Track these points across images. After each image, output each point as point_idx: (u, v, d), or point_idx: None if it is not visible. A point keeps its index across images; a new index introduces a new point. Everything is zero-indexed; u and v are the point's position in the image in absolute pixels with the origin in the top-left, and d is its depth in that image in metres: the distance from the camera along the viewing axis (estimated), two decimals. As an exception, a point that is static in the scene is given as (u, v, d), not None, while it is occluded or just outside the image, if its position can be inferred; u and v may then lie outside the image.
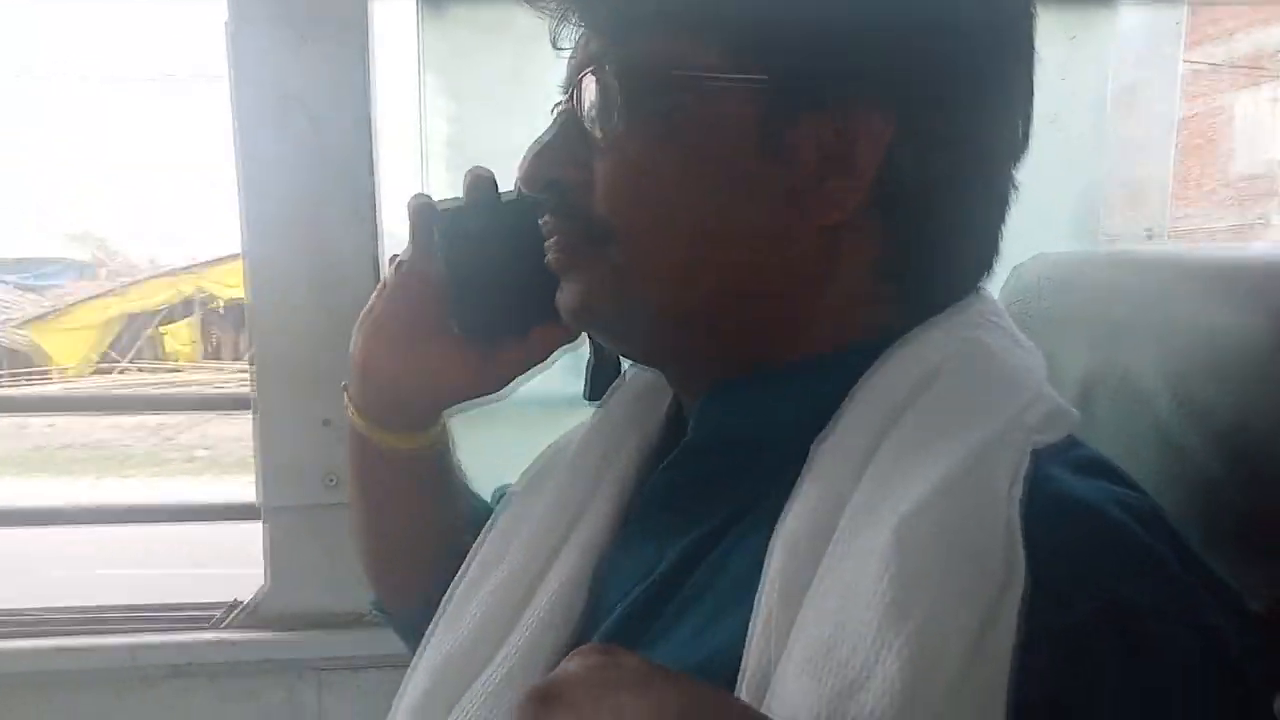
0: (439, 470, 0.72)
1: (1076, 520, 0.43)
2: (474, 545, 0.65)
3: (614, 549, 0.59)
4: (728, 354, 0.54)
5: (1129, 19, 1.03)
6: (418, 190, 0.68)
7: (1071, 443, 0.49)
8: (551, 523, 0.61)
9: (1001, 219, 0.54)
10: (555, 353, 0.67)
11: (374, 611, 0.80)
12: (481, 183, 0.64)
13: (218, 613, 1.18)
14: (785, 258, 0.51)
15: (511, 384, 0.68)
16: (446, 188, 0.66)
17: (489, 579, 0.61)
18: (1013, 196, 0.54)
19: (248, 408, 1.09)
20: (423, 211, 0.65)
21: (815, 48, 0.48)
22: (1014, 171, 0.54)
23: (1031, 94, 0.53)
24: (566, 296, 0.56)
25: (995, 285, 0.86)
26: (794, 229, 0.50)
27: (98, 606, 1.22)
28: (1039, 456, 0.45)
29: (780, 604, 0.44)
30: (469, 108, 1.00)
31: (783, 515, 0.47)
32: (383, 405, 0.68)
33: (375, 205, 0.99)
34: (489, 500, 0.77)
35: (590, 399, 0.66)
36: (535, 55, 0.58)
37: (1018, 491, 0.42)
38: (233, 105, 0.96)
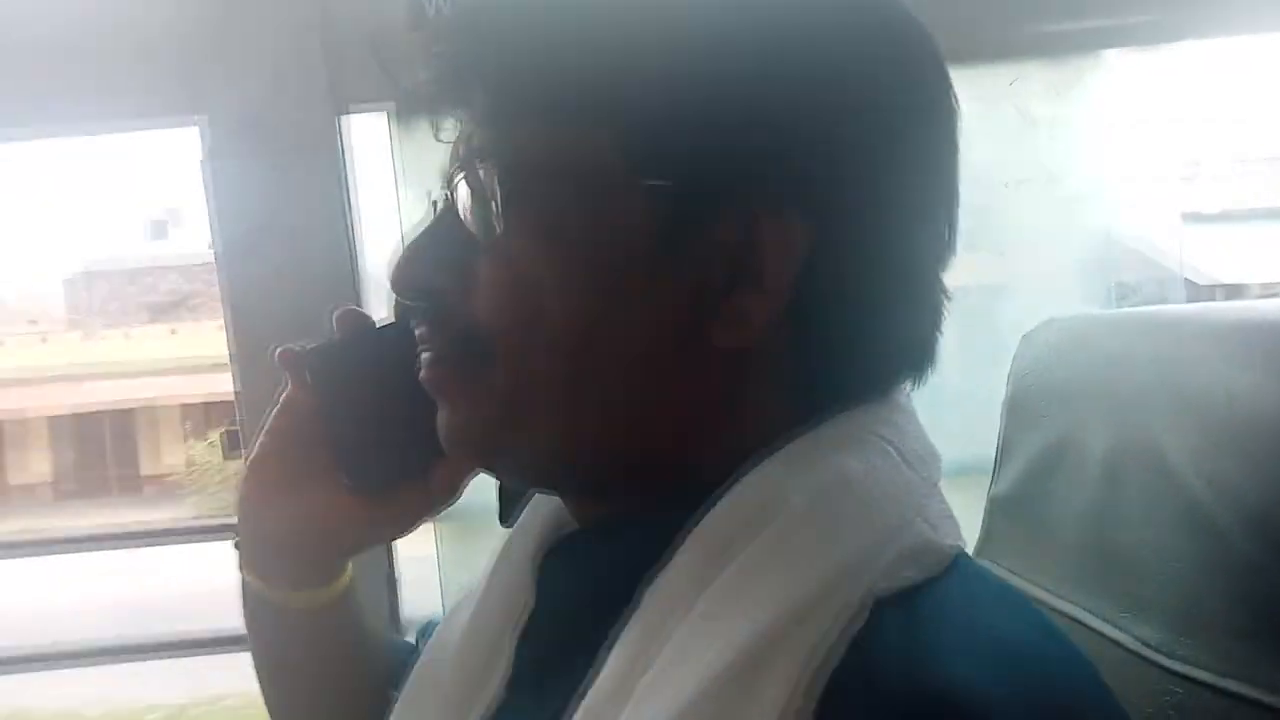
0: (346, 627, 0.64)
1: (880, 704, 0.36)
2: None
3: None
4: (614, 487, 0.48)
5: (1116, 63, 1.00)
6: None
7: (946, 582, 0.42)
8: (451, 691, 0.54)
9: (935, 327, 0.49)
10: (465, 484, 0.58)
11: None
12: (350, 316, 0.58)
13: None
14: (684, 380, 0.45)
15: (417, 525, 0.60)
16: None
17: None
18: (946, 305, 0.48)
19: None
20: (289, 356, 0.58)
21: (721, 146, 0.42)
22: (942, 278, 0.48)
23: (956, 195, 0.47)
24: (443, 424, 0.50)
25: (1006, 355, 0.83)
26: (695, 348, 0.44)
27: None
28: (883, 608, 0.39)
29: None
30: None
31: (589, 677, 0.43)
32: (272, 559, 0.60)
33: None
34: (417, 638, 0.70)
35: (504, 524, 0.58)
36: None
37: (828, 667, 0.37)
38: (213, 236, 0.95)
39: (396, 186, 0.99)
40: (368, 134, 0.99)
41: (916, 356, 0.48)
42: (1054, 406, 0.77)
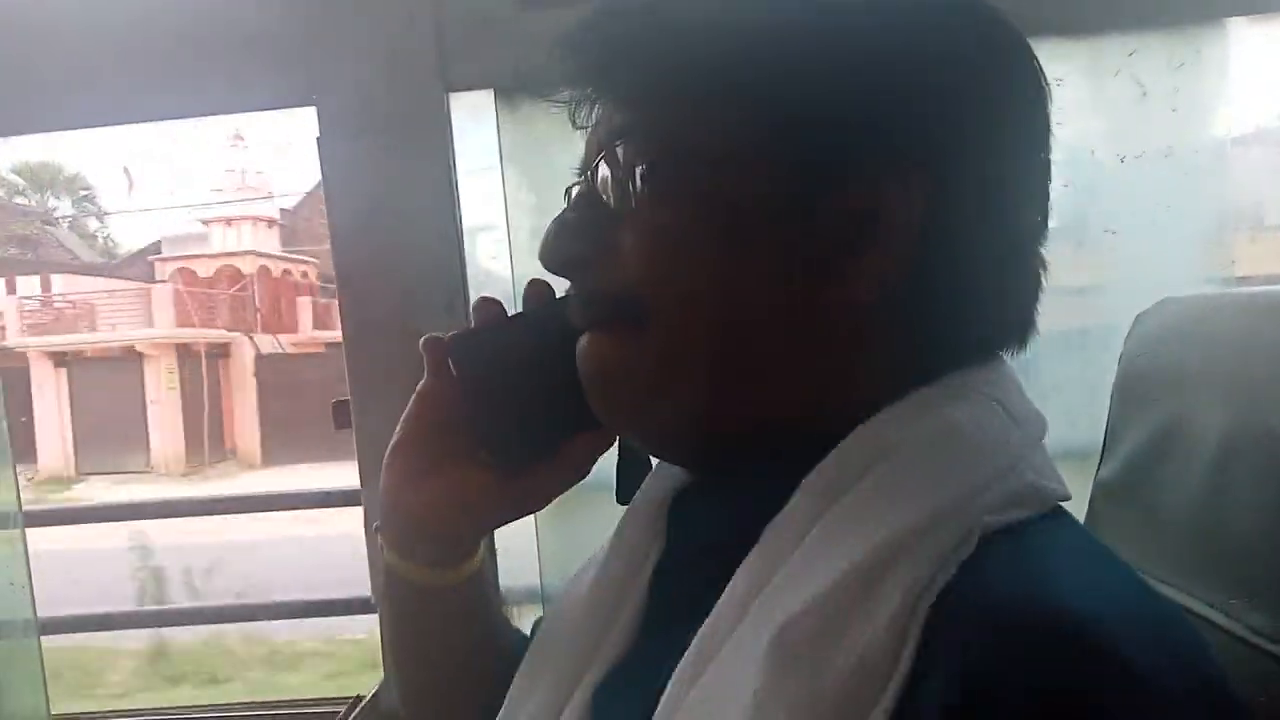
0: (479, 604, 0.68)
1: (994, 614, 0.39)
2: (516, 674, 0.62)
3: (626, 669, 0.55)
4: (743, 446, 0.51)
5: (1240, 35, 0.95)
6: (505, 282, 0.66)
7: (1053, 522, 0.45)
8: (576, 648, 0.58)
9: (1035, 298, 0.52)
10: (594, 462, 0.63)
11: None
12: (488, 305, 0.63)
13: (341, 709, 1.19)
14: (815, 338, 0.48)
15: (549, 500, 0.64)
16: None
17: (523, 711, 0.59)
18: (1044, 276, 0.52)
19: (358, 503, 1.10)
20: (432, 342, 0.63)
21: (849, 118, 0.46)
22: (1041, 251, 0.52)
23: (1049, 174, 0.51)
24: (586, 357, 0.54)
25: (1119, 335, 0.81)
26: (824, 307, 0.48)
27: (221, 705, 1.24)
28: (991, 540, 0.42)
29: (674, 695, 0.44)
30: (547, 198, 1.00)
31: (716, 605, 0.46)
32: (415, 538, 0.64)
33: (467, 301, 1.00)
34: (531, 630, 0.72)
35: (621, 501, 0.62)
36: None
37: (938, 583, 0.40)
38: (329, 213, 0.99)
39: (501, 163, 1.01)
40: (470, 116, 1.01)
41: (1019, 324, 0.51)
42: (1166, 389, 0.74)
